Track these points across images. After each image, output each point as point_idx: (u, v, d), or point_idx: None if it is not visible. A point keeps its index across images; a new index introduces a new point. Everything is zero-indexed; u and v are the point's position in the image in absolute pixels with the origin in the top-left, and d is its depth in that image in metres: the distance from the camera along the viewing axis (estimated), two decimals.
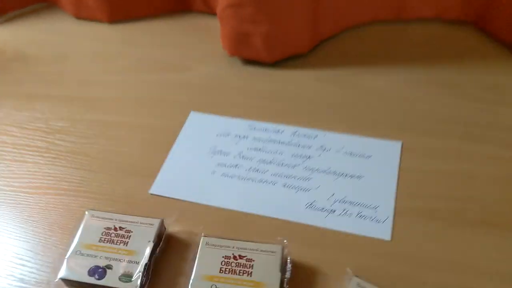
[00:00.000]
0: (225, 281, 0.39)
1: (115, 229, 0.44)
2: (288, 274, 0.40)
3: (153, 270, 0.42)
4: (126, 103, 0.60)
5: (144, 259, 0.41)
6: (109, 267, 0.41)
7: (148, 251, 0.42)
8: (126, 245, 0.43)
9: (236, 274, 0.40)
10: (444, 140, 0.51)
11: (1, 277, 0.44)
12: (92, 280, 0.41)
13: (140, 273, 0.40)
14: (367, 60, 0.62)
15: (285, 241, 0.42)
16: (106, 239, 0.43)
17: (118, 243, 0.43)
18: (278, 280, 0.39)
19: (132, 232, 0.44)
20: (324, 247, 0.43)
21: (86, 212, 0.45)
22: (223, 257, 0.41)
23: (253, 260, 0.40)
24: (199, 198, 0.48)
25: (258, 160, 0.52)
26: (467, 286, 0.40)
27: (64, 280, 0.41)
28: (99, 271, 0.41)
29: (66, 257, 0.42)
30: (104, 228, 0.44)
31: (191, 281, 0.39)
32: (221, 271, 0.40)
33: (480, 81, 0.57)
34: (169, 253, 0.44)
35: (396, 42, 0.63)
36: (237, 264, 0.40)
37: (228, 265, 0.40)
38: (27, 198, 0.50)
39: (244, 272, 0.40)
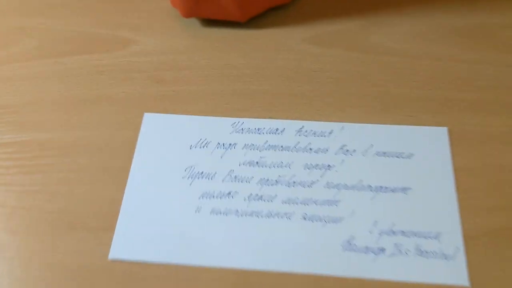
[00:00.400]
0: None
1: None
2: None
3: None
4: (45, 109, 0.41)
5: None
6: None
7: None
8: None
9: None
10: (500, 116, 0.38)
11: None
12: None
13: None
14: (370, 7, 0.46)
15: None
16: None
17: None
18: None
19: None
20: None
21: None
22: None
23: None
24: (185, 257, 0.33)
25: (259, 181, 0.36)
26: None
27: None
28: None
29: None
30: None
31: None
32: None
33: None
34: None
35: None
36: None
37: None
38: None
39: None
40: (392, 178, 0.36)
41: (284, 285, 0.32)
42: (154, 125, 0.39)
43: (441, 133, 0.38)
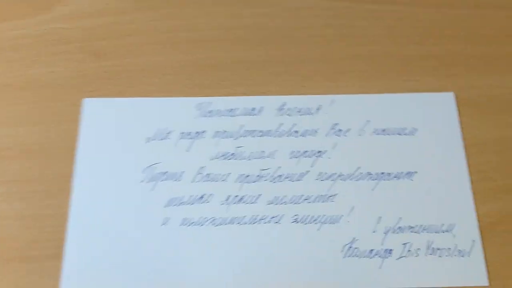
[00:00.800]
0: None
1: None
2: None
3: None
4: None
5: None
6: None
7: None
8: None
9: None
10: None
11: None
12: None
13: None
14: None
15: None
16: None
17: None
18: None
19: None
20: None
21: None
22: None
23: None
24: (154, 283, 0.27)
25: (237, 178, 0.30)
26: None
27: None
28: None
29: None
30: None
31: None
32: None
33: None
34: None
35: None
36: None
37: None
38: None
39: None
40: (395, 162, 0.30)
41: None
42: (97, 114, 0.31)
43: (447, 100, 0.32)
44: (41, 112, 0.31)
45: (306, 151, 0.30)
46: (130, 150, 0.30)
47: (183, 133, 0.31)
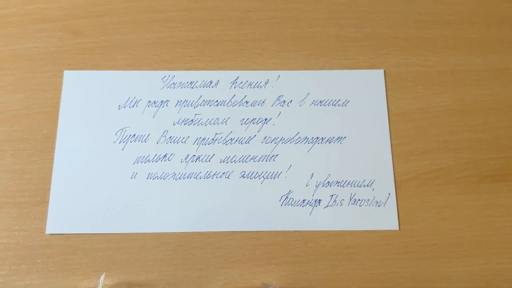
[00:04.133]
0: None
1: None
2: None
3: None
4: None
5: None
6: None
7: None
8: None
9: None
10: (440, 55, 0.37)
11: None
12: None
13: None
14: None
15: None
16: None
17: None
18: None
19: None
20: (319, 265, 0.32)
21: None
22: None
23: None
24: (124, 226, 0.33)
25: (195, 141, 0.35)
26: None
27: None
28: None
29: None
30: None
31: None
32: None
33: None
34: None
35: None
36: None
37: None
38: None
39: None
40: (328, 128, 0.35)
41: (226, 244, 0.33)
42: (76, 84, 0.36)
43: (378, 76, 0.37)
44: (28, 82, 0.36)
45: (254, 119, 0.36)
46: (104, 116, 0.35)
47: (149, 101, 0.36)
